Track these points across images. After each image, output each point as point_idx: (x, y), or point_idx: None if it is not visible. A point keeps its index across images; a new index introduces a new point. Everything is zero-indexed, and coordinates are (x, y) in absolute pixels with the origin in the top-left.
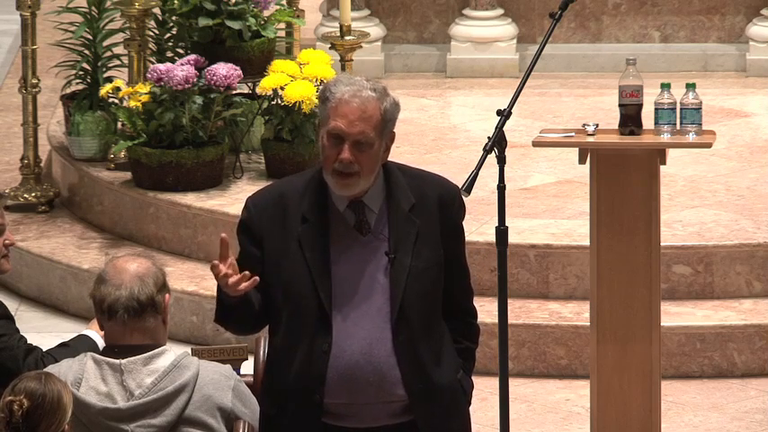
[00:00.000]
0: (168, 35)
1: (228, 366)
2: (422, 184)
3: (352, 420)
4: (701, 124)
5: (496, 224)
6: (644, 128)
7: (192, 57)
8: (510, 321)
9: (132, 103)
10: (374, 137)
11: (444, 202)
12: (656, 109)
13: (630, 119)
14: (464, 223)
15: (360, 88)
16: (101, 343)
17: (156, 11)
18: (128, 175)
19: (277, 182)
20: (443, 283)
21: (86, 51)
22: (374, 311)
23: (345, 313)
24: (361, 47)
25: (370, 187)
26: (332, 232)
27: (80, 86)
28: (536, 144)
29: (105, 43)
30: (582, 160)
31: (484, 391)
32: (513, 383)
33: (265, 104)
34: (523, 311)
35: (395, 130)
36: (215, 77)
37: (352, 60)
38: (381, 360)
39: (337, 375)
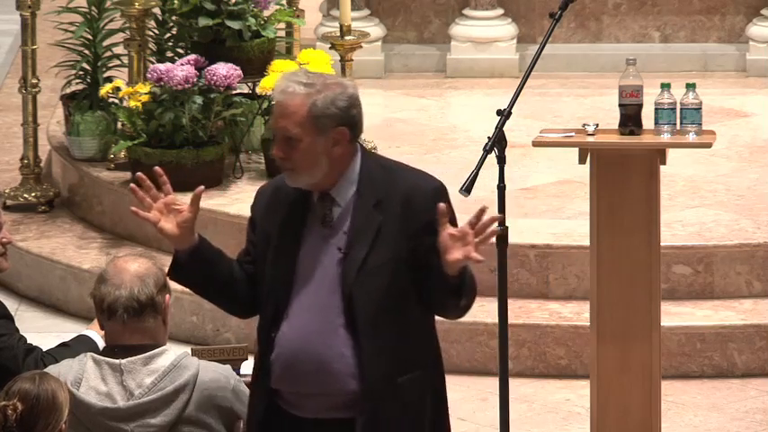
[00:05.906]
0: (168, 35)
1: (228, 366)
2: (396, 180)
3: (299, 410)
4: (701, 124)
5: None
6: (644, 128)
7: (192, 57)
8: (510, 321)
9: (132, 103)
10: (300, 133)
11: (409, 198)
12: (656, 109)
13: (630, 119)
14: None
15: (289, 84)
16: (101, 343)
17: (156, 11)
18: (128, 175)
19: (281, 175)
20: (424, 281)
21: (86, 51)
22: (323, 303)
23: (299, 303)
24: (361, 47)
25: (336, 181)
26: (306, 224)
27: (80, 86)
28: (536, 144)
29: (105, 43)
30: (582, 160)
31: (484, 391)
32: (513, 383)
33: (265, 104)
34: (523, 311)
35: (345, 128)
36: (215, 77)
37: (352, 60)
38: (320, 351)
39: (279, 362)
